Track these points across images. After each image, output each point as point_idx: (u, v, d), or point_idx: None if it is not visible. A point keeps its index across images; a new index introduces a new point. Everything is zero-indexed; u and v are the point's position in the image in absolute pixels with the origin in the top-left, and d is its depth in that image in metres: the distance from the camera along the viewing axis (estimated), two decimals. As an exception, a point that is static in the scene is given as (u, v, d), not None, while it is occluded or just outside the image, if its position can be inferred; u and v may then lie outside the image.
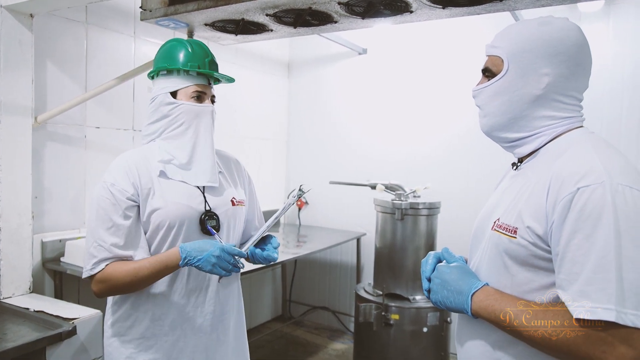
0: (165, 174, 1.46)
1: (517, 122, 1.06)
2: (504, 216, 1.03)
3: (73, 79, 2.58)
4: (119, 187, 1.40)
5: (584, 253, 0.86)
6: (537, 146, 1.06)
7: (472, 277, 1.06)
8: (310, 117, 4.35)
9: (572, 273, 0.88)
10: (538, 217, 0.94)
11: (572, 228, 0.88)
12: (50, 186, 2.50)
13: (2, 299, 2.14)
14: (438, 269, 1.11)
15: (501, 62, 1.07)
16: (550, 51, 1.01)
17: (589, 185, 0.88)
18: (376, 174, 3.66)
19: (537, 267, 0.96)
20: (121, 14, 2.79)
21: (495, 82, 1.07)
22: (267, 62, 4.16)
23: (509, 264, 1.00)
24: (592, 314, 0.84)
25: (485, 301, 1.00)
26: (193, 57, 1.48)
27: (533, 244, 0.95)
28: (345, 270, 4.17)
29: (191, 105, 1.48)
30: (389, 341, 2.82)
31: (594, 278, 0.85)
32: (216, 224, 1.48)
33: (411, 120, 3.79)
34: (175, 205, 1.43)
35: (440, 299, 1.08)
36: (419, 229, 2.93)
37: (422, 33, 3.66)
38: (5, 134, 2.13)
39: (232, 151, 1.77)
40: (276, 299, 4.39)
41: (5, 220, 2.15)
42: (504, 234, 1.01)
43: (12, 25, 2.13)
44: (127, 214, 1.39)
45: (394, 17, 2.03)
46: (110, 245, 1.37)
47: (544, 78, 1.02)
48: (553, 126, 1.04)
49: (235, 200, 1.58)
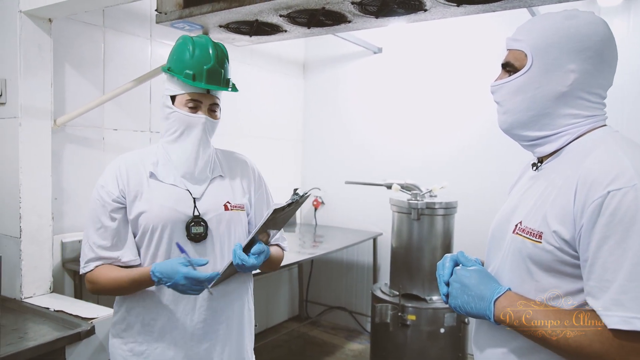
0: (155, 175, 1.45)
1: (540, 120, 1.02)
2: (527, 219, 0.99)
3: (91, 82, 2.61)
4: (107, 189, 1.42)
5: (616, 259, 0.83)
6: (559, 146, 1.01)
7: (493, 282, 1.03)
8: (325, 117, 4.34)
9: (603, 280, 0.84)
10: (565, 221, 0.91)
11: (603, 233, 0.85)
12: (69, 188, 2.54)
13: (24, 299, 2.19)
14: (457, 272, 1.07)
15: (524, 57, 1.02)
16: (577, 46, 0.96)
17: (620, 188, 0.84)
18: (392, 173, 3.64)
19: (563, 273, 0.93)
20: (138, 17, 2.82)
21: (517, 77, 1.02)
22: (282, 62, 4.17)
23: (533, 270, 0.96)
24: (628, 324, 0.80)
25: (510, 307, 0.96)
26: (192, 64, 1.41)
27: (559, 249, 0.92)
28: (362, 270, 4.16)
29: (183, 115, 1.43)
30: (406, 342, 2.80)
31: (629, 286, 0.81)
32: (203, 231, 1.44)
33: (427, 120, 3.76)
34: (160, 208, 1.41)
35: (460, 304, 1.04)
36: (436, 228, 2.90)
37: (437, 31, 3.62)
38: (26, 136, 2.17)
39: (247, 151, 1.76)
40: (293, 299, 4.40)
41: (25, 221, 2.19)
42: (527, 238, 0.97)
43: (31, 30, 2.17)
44: (112, 215, 1.41)
45: (408, 16, 2.01)
46: (97, 245, 1.41)
47: (570, 75, 0.97)
48: (577, 125, 1.00)
49: (230, 205, 1.52)
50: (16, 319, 2.02)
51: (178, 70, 1.43)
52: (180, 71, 1.42)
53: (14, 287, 2.21)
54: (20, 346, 1.72)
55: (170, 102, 1.45)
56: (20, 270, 2.18)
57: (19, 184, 2.16)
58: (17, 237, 2.18)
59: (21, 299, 2.18)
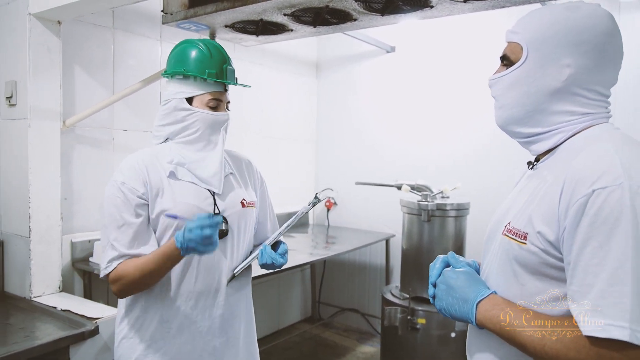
0: (175, 174, 1.45)
1: (534, 116, 0.97)
2: (514, 220, 0.95)
3: (101, 83, 2.64)
4: (130, 185, 1.40)
5: (598, 262, 0.78)
6: (554, 143, 0.97)
7: (479, 284, 0.99)
8: (339, 117, 4.31)
9: (584, 284, 0.79)
10: (549, 222, 0.86)
11: (586, 234, 0.80)
12: (79, 188, 2.57)
13: (33, 298, 2.21)
14: (444, 274, 1.03)
15: (520, 50, 0.97)
16: (574, 40, 0.91)
17: (605, 187, 0.79)
18: (405, 174, 3.58)
19: (549, 276, 0.88)
20: (147, 18, 2.84)
21: (512, 71, 0.98)
22: (294, 62, 4.15)
23: (519, 272, 0.92)
24: (604, 332, 0.75)
25: (492, 311, 0.92)
26: (211, 64, 1.45)
27: (544, 250, 0.87)
28: (374, 272, 4.11)
29: (207, 114, 1.46)
30: (416, 346, 2.75)
31: (608, 291, 0.76)
32: (226, 228, 1.47)
33: (440, 119, 3.69)
34: (185, 206, 1.42)
35: (444, 306, 1.00)
36: (447, 230, 2.84)
37: (450, 29, 3.56)
38: (35, 137, 2.20)
39: (260, 152, 1.76)
40: (306, 300, 4.38)
41: (35, 221, 2.22)
42: (513, 239, 0.93)
43: (40, 33, 2.20)
44: (137, 212, 1.40)
45: (414, 13, 1.97)
46: (121, 244, 1.39)
47: (565, 69, 0.92)
48: (572, 122, 0.94)
49: (246, 202, 1.56)
50: (24, 317, 2.05)
51: (198, 71, 1.44)
52: (201, 72, 1.44)
53: (23, 285, 2.24)
54: (24, 345, 1.74)
55: (187, 104, 1.46)
56: (29, 270, 2.21)
57: (28, 184, 2.19)
58: (26, 236, 2.21)
59: (30, 298, 2.21)
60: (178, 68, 1.46)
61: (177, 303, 1.44)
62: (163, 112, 1.50)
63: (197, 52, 1.46)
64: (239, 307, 1.55)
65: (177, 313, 1.44)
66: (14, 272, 2.30)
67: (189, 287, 1.44)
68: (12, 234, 2.29)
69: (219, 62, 1.47)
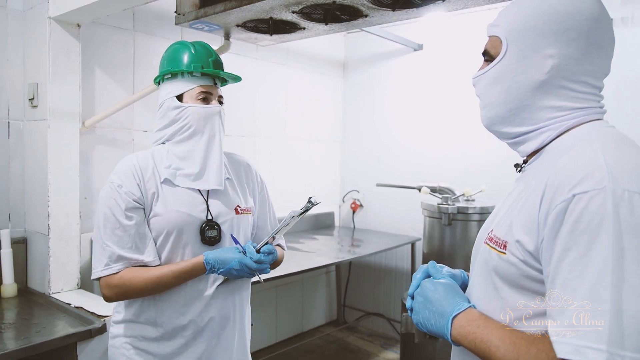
0: (169, 180, 1.44)
1: (519, 114, 0.89)
2: (497, 227, 0.87)
3: (121, 85, 2.68)
4: (126, 189, 1.40)
5: (576, 276, 0.69)
6: (541, 143, 0.88)
7: (458, 298, 0.90)
8: (365, 117, 4.24)
9: (562, 300, 0.71)
10: (529, 230, 0.78)
11: (565, 244, 0.71)
12: (99, 188, 2.59)
13: (51, 294, 2.27)
14: (422, 285, 0.95)
15: (500, 43, 0.90)
16: (557, 28, 0.83)
17: (586, 191, 0.70)
18: (431, 176, 3.47)
19: (529, 289, 0.79)
20: (167, 20, 2.86)
21: (493, 67, 0.91)
22: (320, 62, 4.11)
23: (499, 285, 0.84)
24: (579, 355, 0.67)
25: (466, 327, 0.83)
26: (196, 58, 1.46)
27: (523, 261, 0.79)
28: (400, 276, 4.01)
29: (198, 107, 1.45)
30: (435, 354, 2.64)
31: (585, 309, 0.68)
32: (217, 234, 1.45)
33: (469, 119, 3.55)
34: (176, 213, 1.41)
35: (421, 320, 0.92)
36: (470, 235, 2.72)
37: (480, 26, 3.41)
38: (54, 138, 2.26)
39: (286, 153, 1.73)
40: (331, 303, 4.33)
41: (54, 219, 2.28)
42: (494, 248, 0.85)
43: (60, 36, 2.25)
44: (133, 215, 1.39)
45: (426, 7, 1.89)
46: (117, 247, 1.38)
47: (547, 60, 0.84)
48: (561, 119, 0.85)
49: (240, 209, 1.54)
50: (40, 313, 2.10)
51: (184, 66, 1.46)
52: (187, 66, 1.46)
53: (43, 282, 2.30)
54: (33, 340, 1.77)
55: (178, 102, 1.47)
56: (48, 267, 2.27)
57: (47, 183, 2.25)
58: (45, 234, 2.27)
59: (49, 294, 2.27)
60: (165, 68, 1.48)
61: (170, 306, 1.43)
62: (158, 117, 1.52)
63: (182, 50, 1.49)
64: (233, 310, 1.52)
65: (170, 318, 1.43)
66: (36, 269, 2.37)
67: (180, 291, 1.43)
68: (34, 231, 2.35)
69: (204, 55, 1.48)
